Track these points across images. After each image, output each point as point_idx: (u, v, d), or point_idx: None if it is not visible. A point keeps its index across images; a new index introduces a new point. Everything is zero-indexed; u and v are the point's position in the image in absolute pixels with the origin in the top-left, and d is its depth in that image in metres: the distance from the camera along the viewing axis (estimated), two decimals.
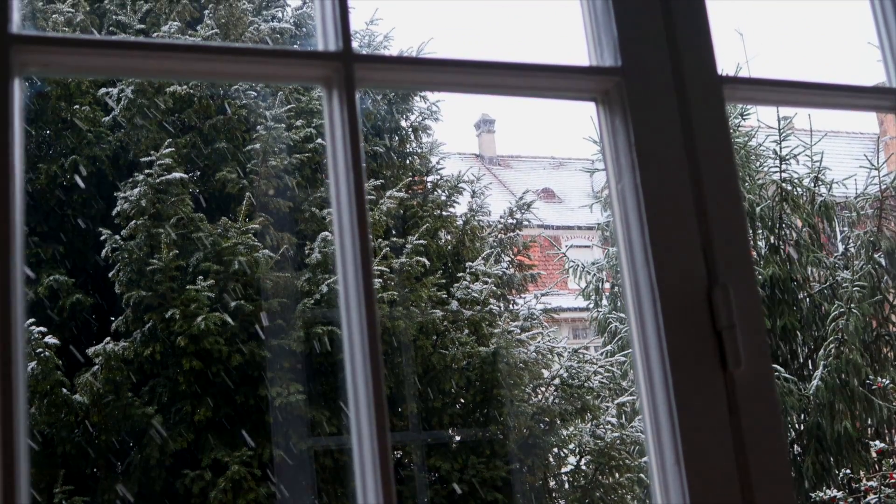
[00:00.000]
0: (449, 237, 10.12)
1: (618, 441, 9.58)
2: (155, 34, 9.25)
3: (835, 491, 9.79)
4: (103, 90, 9.01)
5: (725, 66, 12.89)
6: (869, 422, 10.94)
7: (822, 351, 10.61)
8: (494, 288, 9.36)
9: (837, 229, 13.36)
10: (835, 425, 10.37)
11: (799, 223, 11.64)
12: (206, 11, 9.45)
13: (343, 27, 1.33)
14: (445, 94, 11.41)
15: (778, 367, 10.51)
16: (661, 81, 1.47)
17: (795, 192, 11.56)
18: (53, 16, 9.09)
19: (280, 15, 10.79)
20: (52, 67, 1.27)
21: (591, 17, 1.52)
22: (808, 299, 11.39)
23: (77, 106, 8.83)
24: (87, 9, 9.43)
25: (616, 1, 1.49)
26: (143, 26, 9.41)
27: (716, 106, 1.50)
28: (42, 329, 7.49)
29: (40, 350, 7.35)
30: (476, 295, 9.04)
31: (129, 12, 9.45)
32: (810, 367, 11.24)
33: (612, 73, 1.46)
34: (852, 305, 10.44)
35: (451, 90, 1.48)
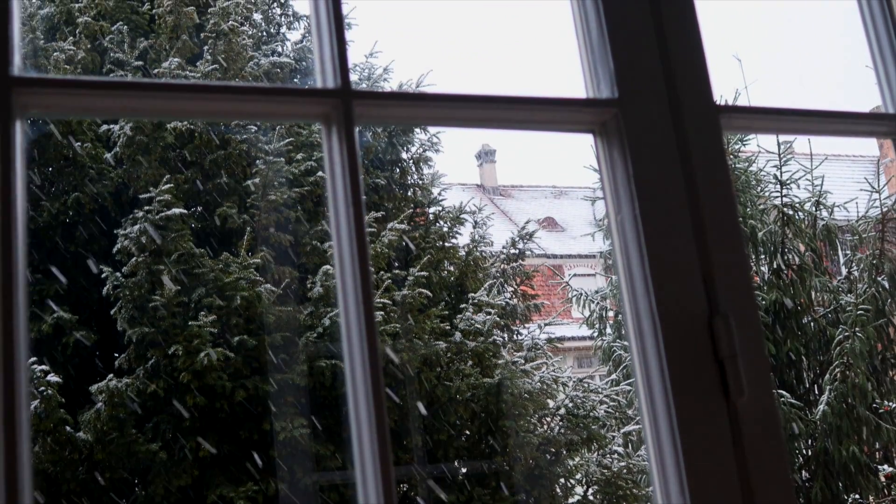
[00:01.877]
0: (451, 268, 10.11)
1: (624, 470, 9.53)
2: (155, 70, 9.29)
3: None
4: (105, 127, 9.04)
5: (724, 91, 12.95)
6: (877, 446, 10.87)
7: (827, 375, 10.57)
8: (498, 318, 9.33)
9: (840, 253, 13.34)
10: (842, 450, 10.30)
11: (801, 247, 11.63)
12: (206, 47, 9.49)
13: (341, 64, 1.34)
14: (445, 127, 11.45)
15: (784, 392, 10.47)
16: (658, 112, 1.48)
17: (797, 217, 11.56)
18: (55, 54, 9.13)
19: (280, 49, 10.84)
20: (54, 109, 1.28)
21: (587, 50, 1.53)
22: (812, 324, 11.35)
23: (79, 143, 8.86)
24: (88, 46, 9.48)
25: (612, 33, 1.50)
26: (140, 63, 9.45)
27: (713, 135, 1.50)
28: (44, 367, 7.47)
29: (43, 388, 7.33)
30: (479, 326, 9.01)
31: (128, 49, 9.49)
32: (816, 391, 11.19)
33: (609, 105, 1.47)
34: (857, 329, 10.41)
35: (449, 125, 1.49)
